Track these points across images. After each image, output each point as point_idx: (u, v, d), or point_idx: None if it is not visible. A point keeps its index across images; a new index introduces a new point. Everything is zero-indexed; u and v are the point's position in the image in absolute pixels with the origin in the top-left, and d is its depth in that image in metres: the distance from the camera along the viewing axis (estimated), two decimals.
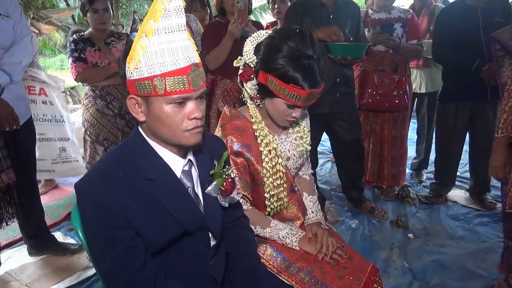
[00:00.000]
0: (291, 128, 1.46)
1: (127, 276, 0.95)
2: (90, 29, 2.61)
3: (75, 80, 2.57)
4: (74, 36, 2.57)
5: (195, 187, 1.09)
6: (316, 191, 1.62)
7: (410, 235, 2.57)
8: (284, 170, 1.40)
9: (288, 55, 1.21)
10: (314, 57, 1.24)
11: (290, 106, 1.28)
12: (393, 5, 2.86)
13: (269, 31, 1.32)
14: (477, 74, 2.50)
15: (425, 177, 3.45)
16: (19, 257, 2.41)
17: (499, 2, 2.51)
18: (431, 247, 2.43)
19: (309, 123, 1.55)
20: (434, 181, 3.13)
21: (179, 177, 1.05)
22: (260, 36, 1.31)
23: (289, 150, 1.44)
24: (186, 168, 1.07)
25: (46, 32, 10.79)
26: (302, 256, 1.36)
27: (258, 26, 2.62)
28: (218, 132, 1.36)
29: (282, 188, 1.40)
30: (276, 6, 3.03)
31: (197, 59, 0.96)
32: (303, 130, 1.48)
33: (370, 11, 2.89)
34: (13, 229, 2.51)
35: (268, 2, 3.22)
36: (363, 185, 2.92)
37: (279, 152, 1.38)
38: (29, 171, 2.16)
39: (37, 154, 3.08)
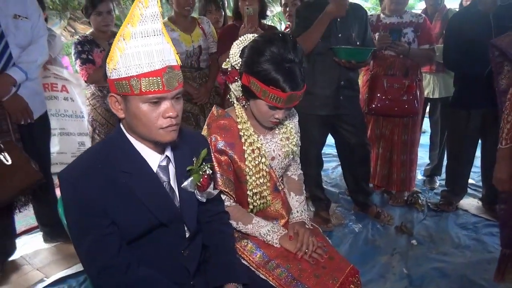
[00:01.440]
0: (277, 129, 1.51)
1: (102, 260, 1.03)
2: (92, 30, 2.73)
3: (86, 82, 2.69)
4: (78, 37, 2.70)
5: (171, 182, 1.16)
6: (304, 191, 1.65)
7: (414, 241, 2.54)
8: (267, 169, 1.44)
9: (269, 59, 1.26)
10: (295, 60, 1.28)
11: (272, 107, 1.33)
12: (405, 9, 2.84)
13: (256, 35, 1.37)
14: (489, 80, 2.45)
15: (437, 184, 3.39)
16: (35, 243, 2.57)
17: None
18: (433, 255, 2.40)
19: (297, 125, 1.59)
20: (445, 188, 3.08)
21: (155, 171, 1.12)
22: (246, 39, 1.37)
23: (274, 150, 1.49)
24: (164, 163, 1.14)
25: (82, 32, 11.25)
26: (282, 253, 1.40)
27: (272, 30, 2.67)
28: (204, 131, 1.42)
29: (265, 187, 1.45)
30: (287, 9, 3.07)
31: (173, 61, 1.03)
32: (289, 131, 1.52)
33: (381, 15, 2.88)
34: (32, 217, 2.67)
35: (281, 5, 3.26)
36: (369, 189, 2.92)
37: (263, 152, 1.43)
38: (44, 163, 2.30)
39: (57, 148, 3.28)
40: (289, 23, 3.45)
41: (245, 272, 1.27)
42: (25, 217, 2.74)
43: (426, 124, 3.74)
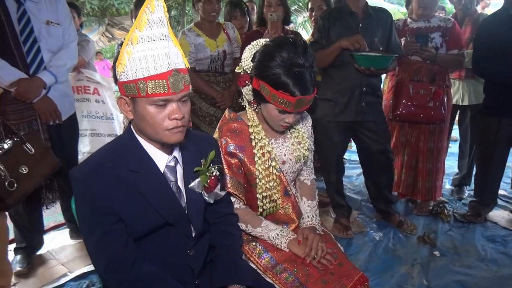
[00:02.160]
0: (289, 133, 1.51)
1: (108, 255, 1.07)
2: None
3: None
4: (123, 40, 2.80)
5: (179, 182, 1.19)
6: (316, 196, 1.64)
7: (436, 252, 2.46)
8: (277, 173, 1.45)
9: (279, 63, 1.27)
10: (305, 65, 1.28)
11: (282, 111, 1.34)
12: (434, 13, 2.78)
13: (268, 40, 1.39)
14: None
15: (466, 194, 3.27)
16: (62, 239, 2.69)
17: None
18: (456, 267, 2.31)
19: (310, 130, 1.59)
20: (474, 199, 2.96)
21: (162, 171, 1.15)
22: (258, 44, 1.39)
23: (285, 154, 1.49)
24: (171, 164, 1.18)
25: (119, 37, 11.68)
26: (290, 258, 1.40)
27: (296, 35, 2.68)
28: (216, 134, 1.45)
29: (275, 190, 1.46)
30: (313, 13, 3.07)
31: (180, 65, 1.06)
32: (301, 136, 1.52)
33: (408, 19, 2.82)
34: (60, 214, 2.79)
35: (307, 9, 3.27)
36: (392, 197, 2.85)
37: (274, 156, 1.44)
38: (71, 161, 2.40)
39: (88, 148, 3.42)
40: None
41: (250, 274, 1.28)
42: (54, 214, 2.87)
43: (457, 132, 3.62)
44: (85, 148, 3.44)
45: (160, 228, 1.15)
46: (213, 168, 1.21)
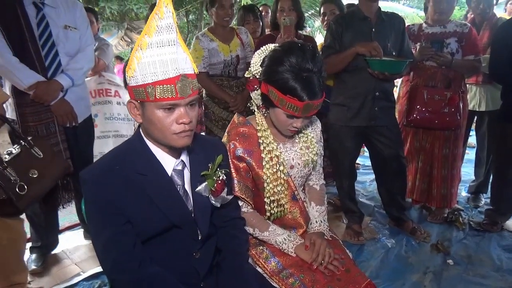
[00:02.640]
0: (297, 138, 1.52)
1: (115, 256, 1.09)
2: None
3: None
4: None
5: (186, 186, 1.20)
6: (325, 202, 1.64)
7: (450, 261, 2.42)
8: (285, 178, 1.45)
9: (287, 68, 1.28)
10: (313, 70, 1.29)
11: (290, 116, 1.34)
12: (450, 18, 2.74)
13: (277, 45, 1.40)
14: None
15: (483, 202, 3.20)
16: (76, 239, 2.74)
17: None
18: (470, 277, 2.26)
19: (319, 134, 1.58)
20: (490, 207, 2.90)
21: (170, 174, 1.17)
22: (267, 49, 1.40)
23: (293, 159, 1.49)
24: (179, 167, 1.19)
25: None
26: (297, 263, 1.40)
27: (309, 40, 2.68)
28: (224, 138, 1.46)
29: (283, 195, 1.46)
30: (326, 18, 3.07)
31: (188, 70, 1.08)
32: (310, 140, 1.52)
33: (424, 24, 2.79)
34: (75, 214, 2.84)
35: (319, 14, 3.27)
36: (405, 203, 2.82)
37: (282, 160, 1.44)
38: (86, 162, 2.44)
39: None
40: None
41: (256, 279, 1.29)
42: (69, 214, 2.93)
43: (474, 138, 3.55)
44: (109, 149, 3.49)
45: (167, 230, 1.17)
46: (220, 172, 1.22)
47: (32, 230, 2.38)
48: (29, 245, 2.42)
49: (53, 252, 2.50)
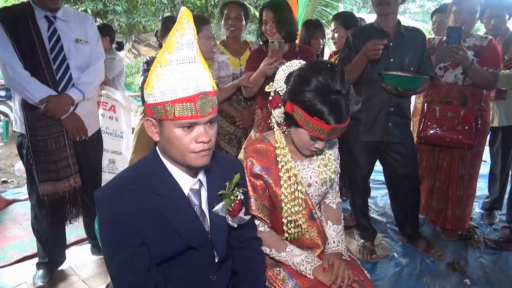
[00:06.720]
0: (315, 155, 1.47)
1: (130, 279, 1.05)
2: (157, 52, 2.86)
3: None
4: (148, 58, 2.84)
5: (203, 206, 1.16)
6: (342, 221, 1.59)
7: (467, 281, 2.35)
8: (303, 197, 1.41)
9: (315, 89, 1.24)
10: (342, 92, 1.24)
11: (313, 138, 1.30)
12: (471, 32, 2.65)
13: (302, 62, 1.36)
14: None
15: (497, 219, 3.13)
16: (83, 254, 2.68)
17: None
18: None
19: (336, 152, 1.55)
20: (505, 224, 2.83)
21: (187, 194, 1.13)
22: (293, 65, 1.36)
23: (311, 177, 1.45)
24: (196, 187, 1.15)
25: (145, 54, 11.96)
26: (315, 285, 1.35)
27: (305, 51, 2.56)
28: (241, 155, 1.42)
29: (300, 215, 1.42)
30: (335, 35, 3.05)
31: (208, 88, 1.04)
32: (328, 158, 1.48)
33: (444, 38, 2.73)
34: (82, 229, 2.80)
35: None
36: (419, 221, 2.75)
37: (300, 179, 1.40)
38: (95, 178, 2.42)
39: None
40: (333, 50, 3.43)
41: None
42: (76, 229, 2.88)
43: (487, 153, 3.48)
44: None
45: (183, 252, 1.13)
46: (237, 192, 1.18)
47: (39, 246, 2.34)
48: (35, 260, 2.39)
49: (60, 268, 2.45)
